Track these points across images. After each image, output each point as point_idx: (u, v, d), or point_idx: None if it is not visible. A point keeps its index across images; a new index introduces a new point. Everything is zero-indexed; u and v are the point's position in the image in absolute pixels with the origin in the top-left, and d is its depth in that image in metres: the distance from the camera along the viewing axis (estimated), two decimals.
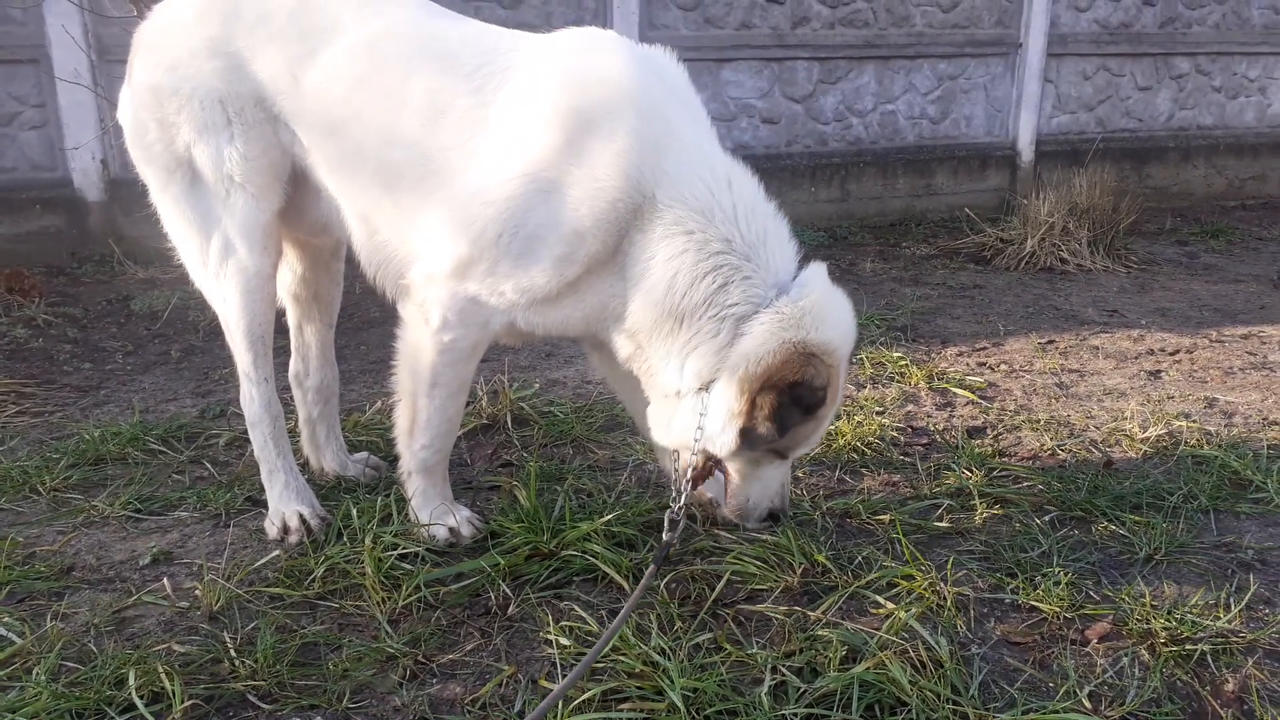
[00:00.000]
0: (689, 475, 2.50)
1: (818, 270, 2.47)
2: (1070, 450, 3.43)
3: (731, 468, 2.55)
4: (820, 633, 2.30)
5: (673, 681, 2.07)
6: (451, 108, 2.40)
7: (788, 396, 2.32)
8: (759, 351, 2.32)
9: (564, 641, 2.27)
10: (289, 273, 2.98)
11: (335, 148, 2.54)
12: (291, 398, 3.12)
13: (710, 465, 2.58)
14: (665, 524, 2.48)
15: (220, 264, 2.64)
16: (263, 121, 2.57)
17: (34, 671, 2.13)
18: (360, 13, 2.52)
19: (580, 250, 2.35)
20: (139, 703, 2.03)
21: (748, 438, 2.37)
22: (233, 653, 2.22)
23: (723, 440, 2.40)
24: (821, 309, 2.36)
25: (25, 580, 2.53)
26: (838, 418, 3.61)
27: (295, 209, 2.72)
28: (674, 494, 2.55)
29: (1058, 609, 2.43)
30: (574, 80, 2.36)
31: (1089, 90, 8.21)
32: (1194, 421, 3.67)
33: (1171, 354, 4.60)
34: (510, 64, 2.41)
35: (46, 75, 5.66)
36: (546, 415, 3.68)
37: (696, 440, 2.42)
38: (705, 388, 2.40)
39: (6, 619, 2.33)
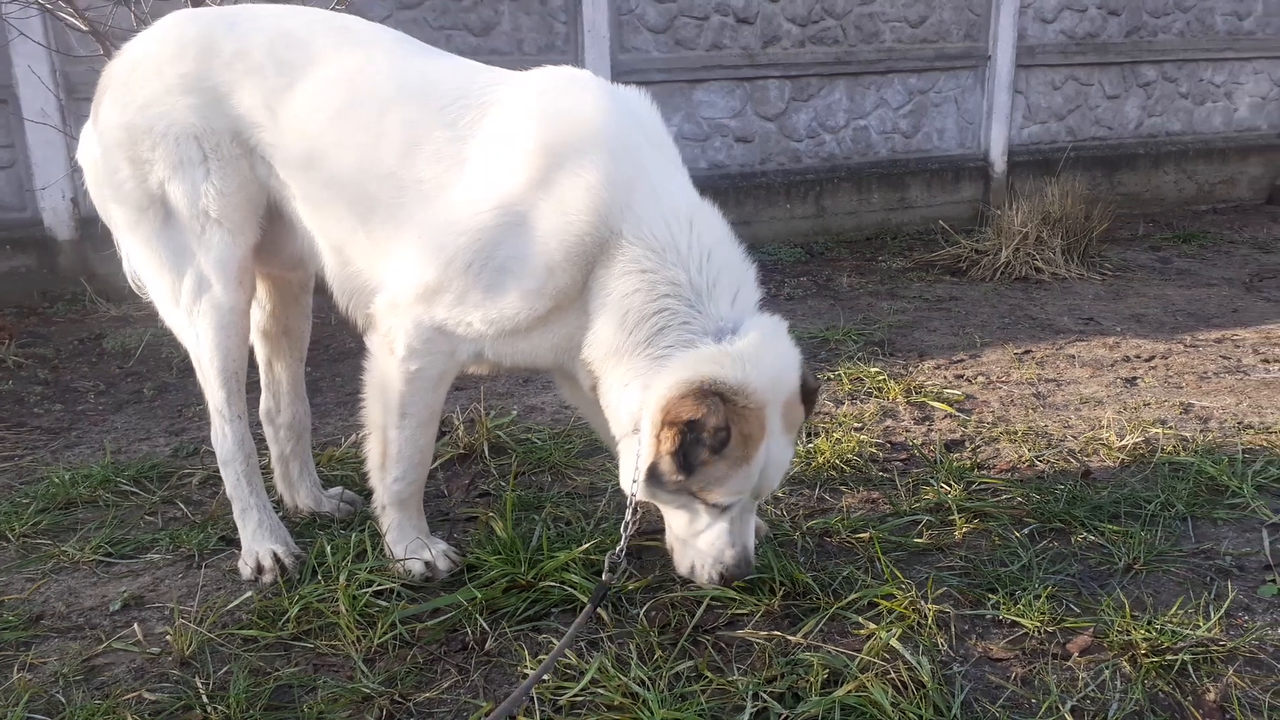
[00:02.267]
0: (628, 518, 2.43)
1: (761, 319, 2.38)
2: (1048, 461, 3.43)
3: (666, 517, 2.47)
4: (802, 656, 2.28)
5: (653, 713, 2.05)
6: (427, 140, 2.41)
7: (686, 433, 2.22)
8: (662, 388, 2.28)
9: (543, 676, 2.24)
10: (258, 309, 2.95)
11: (311, 180, 2.53)
12: (263, 435, 3.09)
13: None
14: (605, 565, 2.43)
15: (193, 301, 2.62)
16: (239, 156, 2.56)
17: None
18: (337, 47, 2.52)
19: (549, 284, 2.35)
20: None
21: (653, 475, 2.31)
22: (204, 699, 2.18)
23: (638, 480, 2.35)
24: (746, 353, 2.27)
25: None
26: (804, 439, 3.60)
27: (271, 243, 2.71)
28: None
29: (1039, 623, 2.42)
30: (549, 117, 2.38)
31: (1058, 100, 8.29)
32: (1170, 428, 3.69)
33: (1147, 360, 4.62)
34: (487, 99, 2.43)
35: (14, 115, 5.63)
36: (524, 442, 3.66)
37: (634, 483, 2.37)
38: (637, 429, 2.37)
39: None
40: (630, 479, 2.37)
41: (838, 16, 7.44)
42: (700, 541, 2.40)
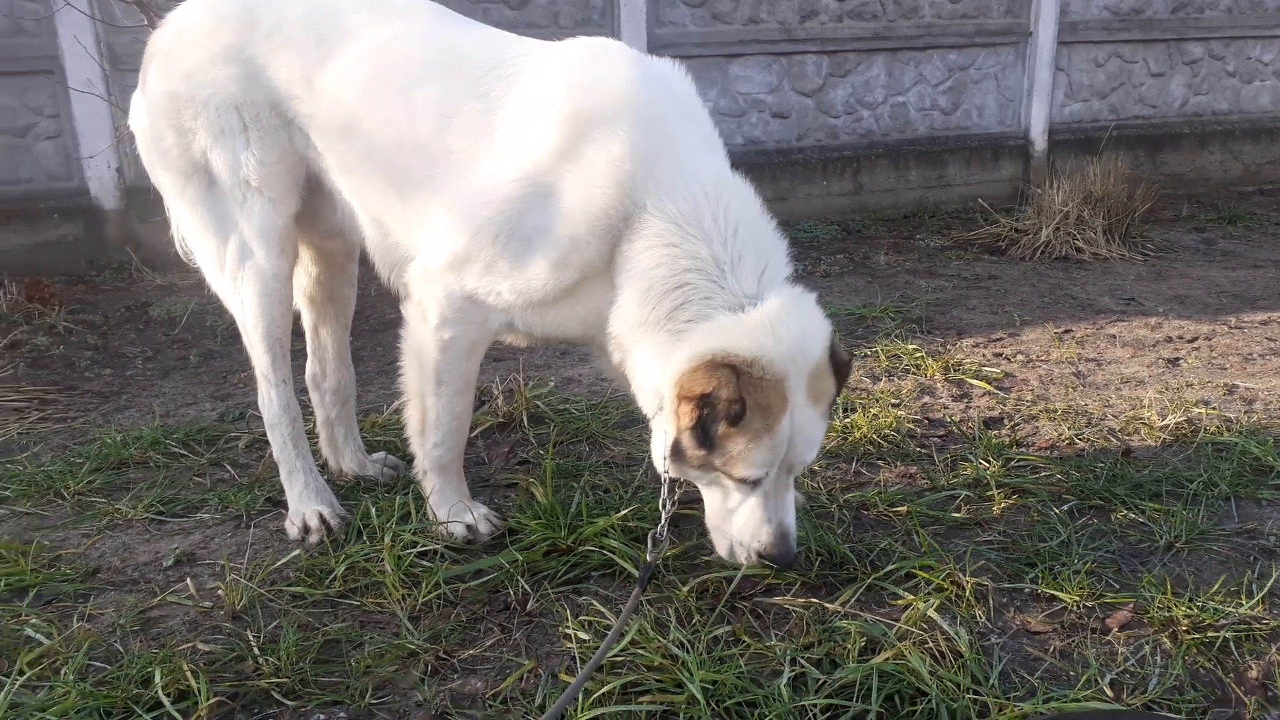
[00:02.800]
0: (664, 495, 2.44)
1: (783, 290, 2.34)
2: (1088, 439, 3.42)
3: (704, 496, 2.46)
4: (839, 624, 2.30)
5: (692, 674, 2.08)
6: (459, 112, 2.43)
7: (702, 406, 2.21)
8: (677, 362, 2.27)
9: (583, 636, 2.28)
10: (304, 276, 3.00)
11: (348, 151, 2.56)
12: (309, 400, 3.15)
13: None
14: (649, 543, 2.45)
15: (237, 267, 2.67)
16: (278, 127, 2.59)
17: (62, 671, 2.16)
18: (372, 19, 2.54)
19: (574, 255, 2.36)
20: (165, 701, 2.05)
21: (677, 452, 2.31)
22: (256, 651, 2.24)
23: (660, 457, 2.36)
24: (760, 323, 2.24)
25: (52, 583, 2.56)
26: (843, 413, 3.61)
27: (311, 213, 2.75)
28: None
29: (1078, 598, 2.42)
30: (577, 88, 2.38)
31: (1101, 78, 8.15)
32: (1213, 409, 3.65)
33: (1190, 341, 4.57)
34: (517, 70, 2.44)
35: (60, 85, 5.72)
36: (562, 413, 3.70)
37: (664, 460, 2.37)
38: (662, 407, 2.37)
39: (34, 621, 2.36)
40: (661, 456, 2.38)
41: None
42: (735, 520, 2.38)
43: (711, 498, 2.42)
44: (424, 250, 2.52)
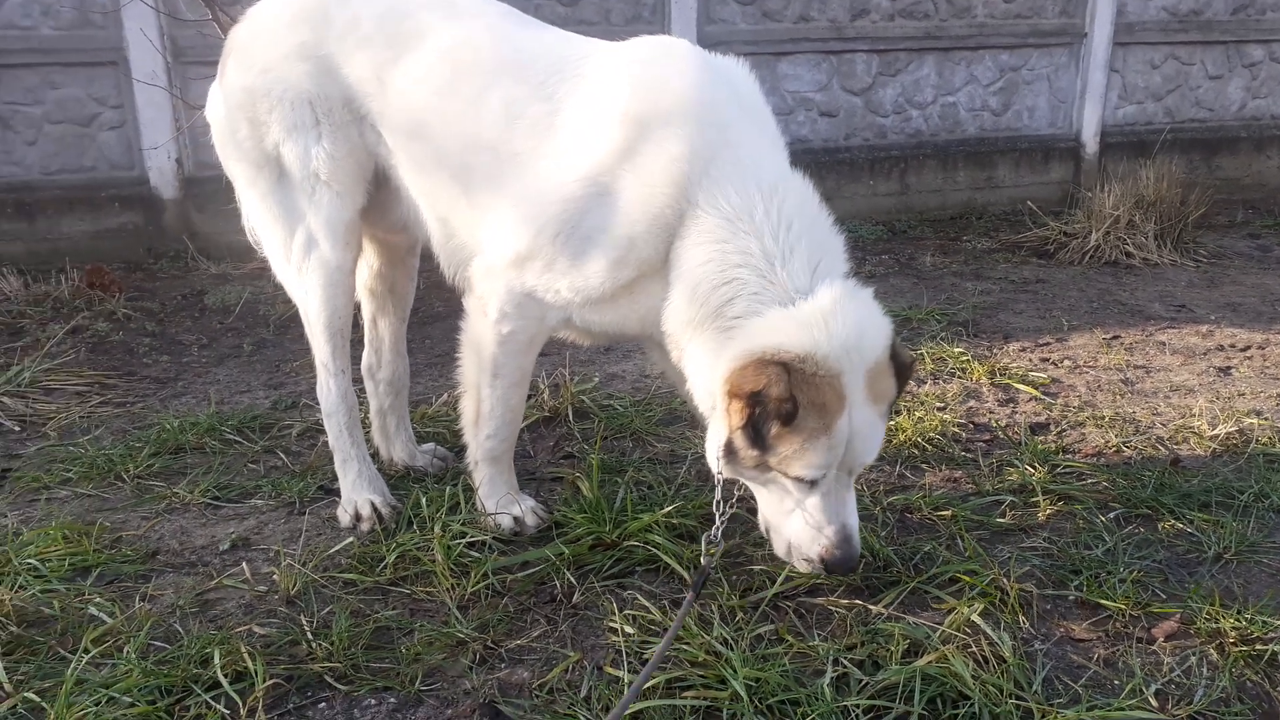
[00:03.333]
0: (718, 497, 2.45)
1: (837, 284, 2.29)
2: (1136, 447, 3.39)
3: (757, 497, 2.44)
4: (882, 626, 2.31)
5: (735, 671, 2.11)
6: (525, 115, 2.47)
7: (752, 405, 2.18)
8: (726, 359, 2.26)
9: (628, 630, 2.32)
10: (366, 268, 3.08)
11: (417, 150, 2.63)
12: (363, 389, 3.21)
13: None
14: (703, 547, 2.46)
15: (303, 258, 2.74)
16: (349, 123, 2.66)
17: (125, 650, 2.24)
18: (443, 21, 2.60)
19: (632, 254, 2.39)
20: (224, 681, 2.12)
21: (730, 452, 2.29)
22: (310, 635, 2.31)
23: (714, 457, 2.34)
24: (812, 318, 2.21)
25: (114, 563, 2.65)
26: (892, 415, 3.60)
27: (377, 207, 2.82)
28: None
29: (1123, 607, 2.41)
30: (639, 90, 2.41)
31: (1157, 80, 8.01)
32: (1265, 419, 3.60)
33: (1242, 350, 4.50)
34: (580, 72, 2.47)
35: (125, 77, 5.86)
36: (606, 408, 3.73)
37: (717, 460, 2.35)
38: (715, 406, 2.35)
39: (98, 600, 2.45)
40: (715, 456, 2.36)
41: None
42: (794, 520, 2.34)
43: (768, 498, 2.39)
44: (487, 247, 2.57)
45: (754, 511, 2.82)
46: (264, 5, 2.76)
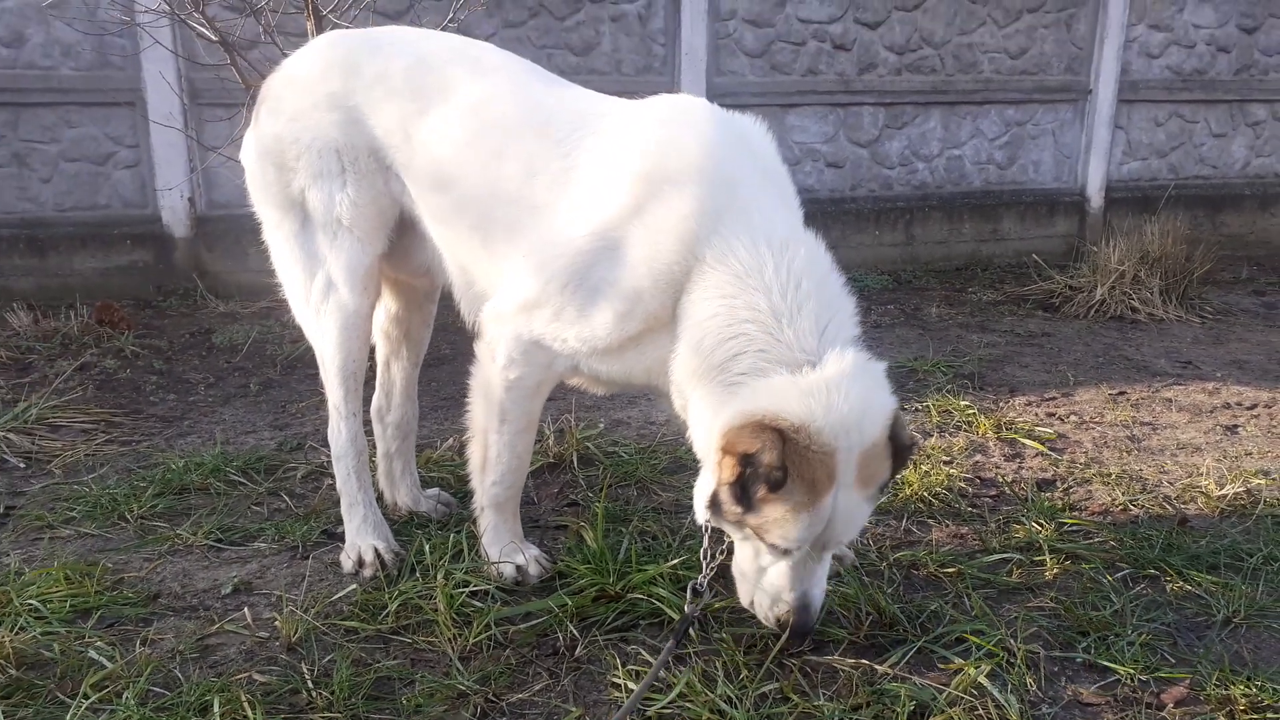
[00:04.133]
0: (705, 544, 2.42)
1: (846, 355, 2.24)
2: (1143, 506, 3.37)
3: (734, 546, 2.43)
4: (888, 687, 2.29)
5: None
6: (544, 170, 2.52)
7: (743, 465, 2.15)
8: (727, 415, 2.24)
9: (631, 685, 2.29)
10: (384, 312, 3.12)
11: (440, 201, 2.67)
12: (371, 432, 3.22)
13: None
14: (689, 594, 2.44)
15: (322, 301, 2.78)
16: (374, 171, 2.71)
17: (124, 696, 2.21)
18: (468, 75, 2.65)
19: (638, 308, 2.40)
20: None
21: (714, 503, 2.27)
22: (310, 684, 2.29)
23: (701, 504, 2.33)
24: (819, 387, 2.17)
25: (115, 605, 2.63)
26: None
27: (401, 251, 2.87)
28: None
29: (1132, 671, 2.38)
30: (651, 147, 2.44)
31: (1161, 137, 8.10)
32: (1274, 479, 3.58)
33: (1249, 408, 4.49)
34: (598, 129, 2.52)
35: (142, 117, 5.94)
36: (611, 455, 3.73)
37: (703, 507, 2.33)
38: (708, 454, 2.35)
39: (99, 643, 2.43)
40: (701, 504, 2.35)
41: (936, 46, 7.41)
42: (763, 580, 2.35)
43: (743, 550, 2.39)
44: (498, 293, 2.61)
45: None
46: (297, 56, 2.83)
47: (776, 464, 2.13)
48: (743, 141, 2.52)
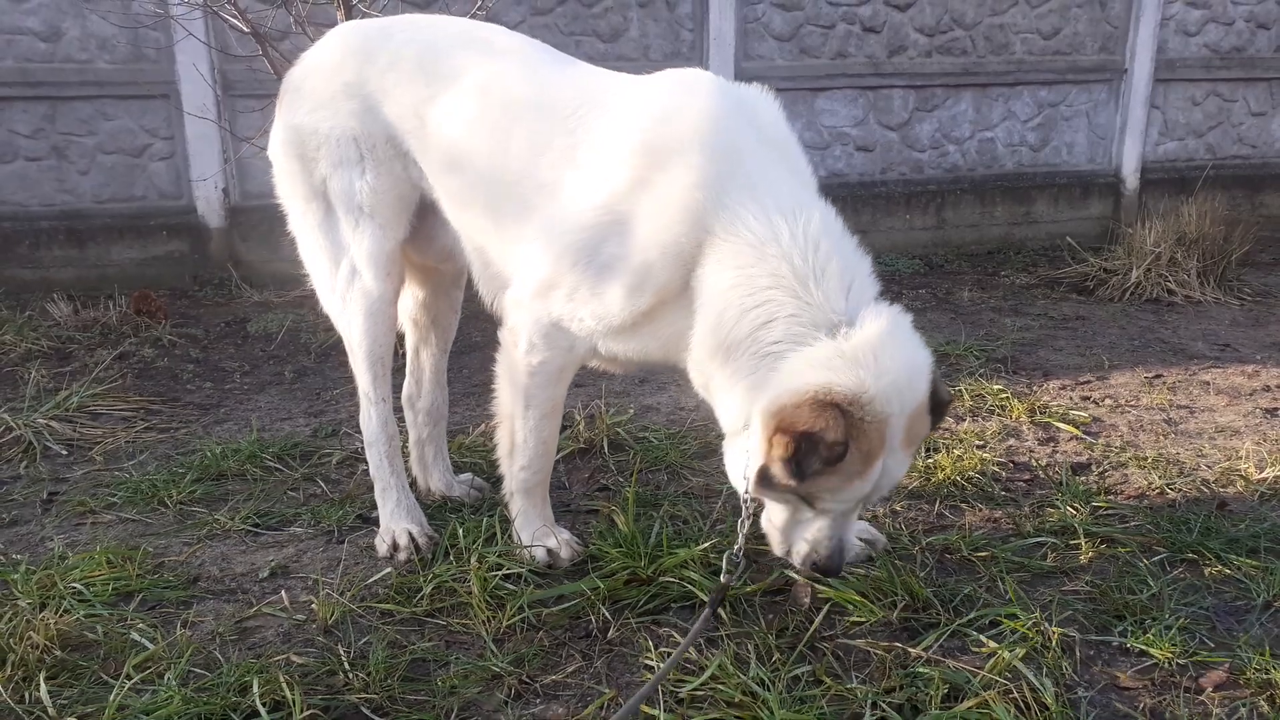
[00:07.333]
0: (744, 517, 2.44)
1: (880, 310, 2.26)
2: (1180, 490, 3.33)
3: (770, 507, 2.46)
4: (921, 670, 2.28)
5: (772, 713, 2.09)
6: (550, 147, 2.52)
7: (801, 444, 2.14)
8: (778, 391, 2.22)
9: (664, 667, 2.30)
10: (411, 299, 3.14)
11: (453, 183, 2.69)
12: (403, 418, 3.25)
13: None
14: (724, 565, 2.45)
15: (346, 288, 2.80)
16: (392, 158, 2.74)
17: (165, 676, 2.26)
18: (477, 58, 2.66)
19: (649, 282, 2.40)
20: (262, 710, 2.13)
21: (764, 478, 2.27)
22: (347, 666, 2.32)
23: (748, 478, 2.33)
24: (866, 353, 2.17)
25: (156, 589, 2.68)
26: (923, 453, 3.57)
27: (425, 236, 2.89)
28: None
29: (1169, 654, 2.36)
30: (655, 121, 2.43)
31: (1198, 116, 7.96)
32: None
33: None
34: (603, 104, 2.51)
35: (176, 109, 6.02)
36: (641, 440, 3.74)
37: (745, 480, 2.35)
38: (748, 425, 2.35)
39: (140, 625, 2.48)
40: (740, 476, 2.36)
41: (967, 27, 7.32)
42: (802, 532, 2.40)
43: (781, 510, 2.41)
44: (516, 279, 2.62)
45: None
46: (315, 48, 2.86)
47: (840, 440, 2.14)
48: (746, 110, 2.49)
